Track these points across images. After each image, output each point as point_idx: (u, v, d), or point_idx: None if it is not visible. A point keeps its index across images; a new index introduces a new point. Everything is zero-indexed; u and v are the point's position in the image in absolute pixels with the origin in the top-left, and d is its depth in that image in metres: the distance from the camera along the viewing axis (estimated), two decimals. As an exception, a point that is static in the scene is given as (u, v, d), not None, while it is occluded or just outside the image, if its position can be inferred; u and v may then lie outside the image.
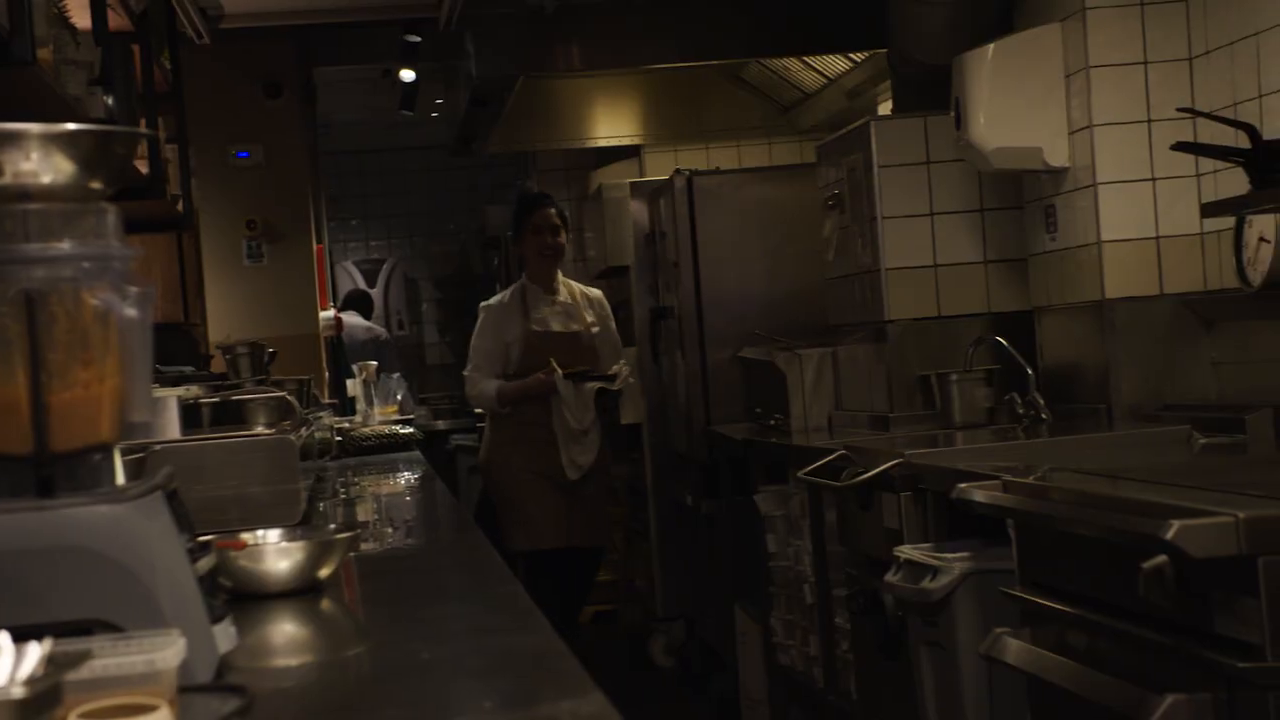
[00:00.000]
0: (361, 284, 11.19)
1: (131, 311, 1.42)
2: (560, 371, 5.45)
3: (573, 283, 5.81)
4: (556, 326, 5.60)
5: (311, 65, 8.14)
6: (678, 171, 5.79)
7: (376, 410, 6.18)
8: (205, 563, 1.58)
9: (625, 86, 7.33)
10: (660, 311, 6.02)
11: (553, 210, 5.73)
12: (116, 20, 3.94)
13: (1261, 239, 3.35)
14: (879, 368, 4.40)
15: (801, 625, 4.43)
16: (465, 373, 5.75)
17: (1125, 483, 2.48)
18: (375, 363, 6.63)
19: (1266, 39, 3.39)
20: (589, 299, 5.74)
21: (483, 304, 5.79)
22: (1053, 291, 4.06)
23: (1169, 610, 2.10)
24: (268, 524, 2.48)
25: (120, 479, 1.52)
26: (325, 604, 2.14)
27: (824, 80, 6.64)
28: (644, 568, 6.64)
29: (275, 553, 2.16)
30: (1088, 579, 2.41)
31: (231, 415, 3.38)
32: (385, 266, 11.48)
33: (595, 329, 5.64)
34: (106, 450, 1.48)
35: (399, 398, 6.49)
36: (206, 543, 1.63)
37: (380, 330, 10.36)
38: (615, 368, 5.58)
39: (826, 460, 3.79)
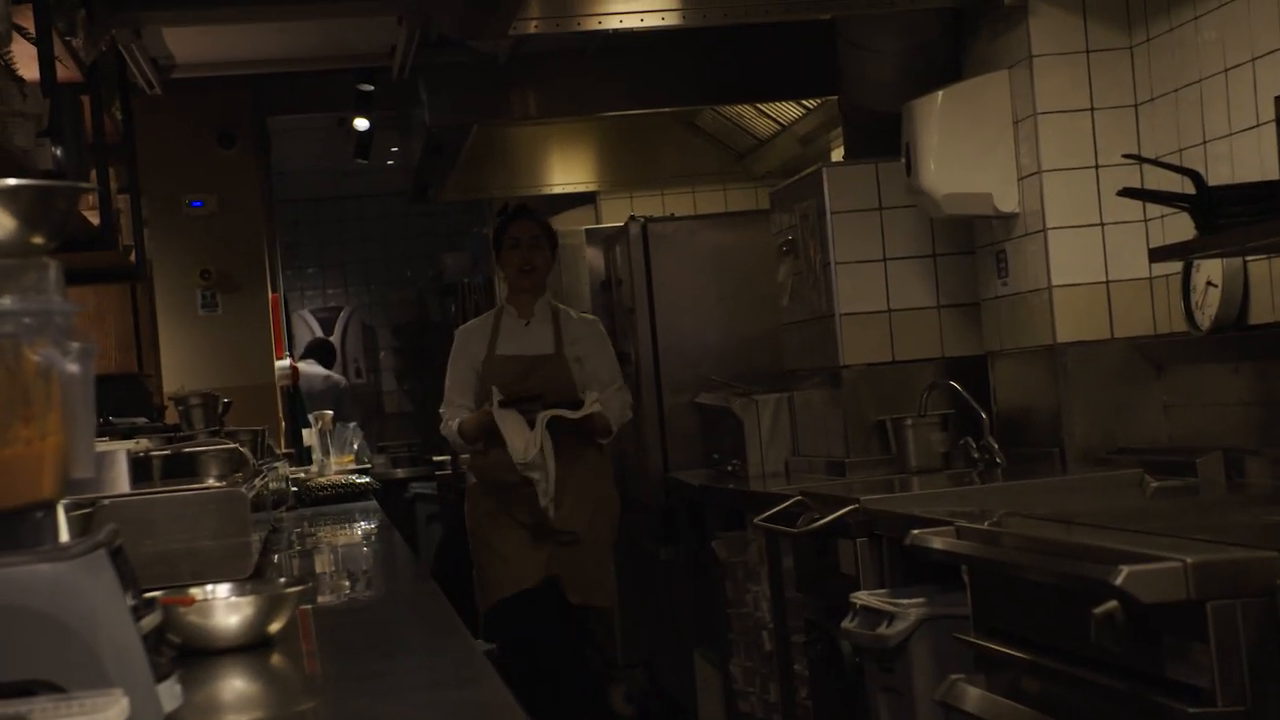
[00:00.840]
0: (319, 332, 11.16)
1: (73, 367, 1.41)
2: (498, 398, 4.77)
3: (563, 307, 5.15)
4: (514, 350, 4.99)
5: (265, 114, 8.14)
6: (633, 218, 5.80)
7: (333, 460, 6.15)
8: (150, 620, 1.56)
9: (580, 134, 7.37)
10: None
11: (531, 221, 5.09)
12: (65, 72, 3.91)
13: (1209, 283, 3.38)
14: (835, 413, 4.41)
15: (761, 672, 4.41)
16: (440, 410, 5.11)
17: (1077, 528, 2.49)
18: (331, 412, 6.60)
19: (1209, 86, 3.43)
20: (573, 324, 5.05)
21: (458, 328, 5.30)
22: (1005, 336, 4.09)
23: (1120, 656, 2.10)
24: (219, 578, 2.46)
25: (65, 536, 1.50)
26: (276, 659, 2.12)
27: (777, 127, 6.69)
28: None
29: (224, 608, 2.14)
30: (1042, 624, 2.41)
31: (183, 468, 3.35)
32: (342, 314, 11.46)
33: (576, 357, 4.97)
34: (49, 507, 1.46)
35: (355, 447, 6.45)
36: (152, 599, 1.61)
37: (339, 378, 10.33)
38: (585, 395, 4.86)
39: (783, 506, 3.79)
